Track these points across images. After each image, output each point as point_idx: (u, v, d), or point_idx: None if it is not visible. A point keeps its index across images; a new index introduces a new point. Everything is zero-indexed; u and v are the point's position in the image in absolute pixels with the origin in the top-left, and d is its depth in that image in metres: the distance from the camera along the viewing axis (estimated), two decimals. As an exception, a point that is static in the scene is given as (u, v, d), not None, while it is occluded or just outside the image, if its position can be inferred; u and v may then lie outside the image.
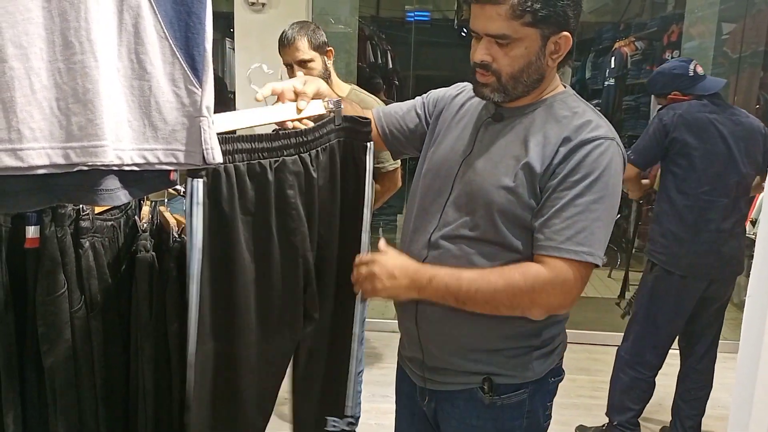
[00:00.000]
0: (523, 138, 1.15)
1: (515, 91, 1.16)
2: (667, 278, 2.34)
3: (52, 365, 1.06)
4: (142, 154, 0.97)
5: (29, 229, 1.05)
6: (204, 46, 0.99)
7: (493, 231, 1.14)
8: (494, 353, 1.20)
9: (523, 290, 1.08)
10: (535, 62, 1.12)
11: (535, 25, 1.09)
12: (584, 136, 1.10)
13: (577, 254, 1.07)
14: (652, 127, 2.34)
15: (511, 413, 1.21)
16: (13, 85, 0.80)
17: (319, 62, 2.12)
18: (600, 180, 1.08)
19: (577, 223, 1.07)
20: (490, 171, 1.16)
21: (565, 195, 1.08)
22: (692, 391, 2.49)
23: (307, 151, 1.09)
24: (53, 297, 1.05)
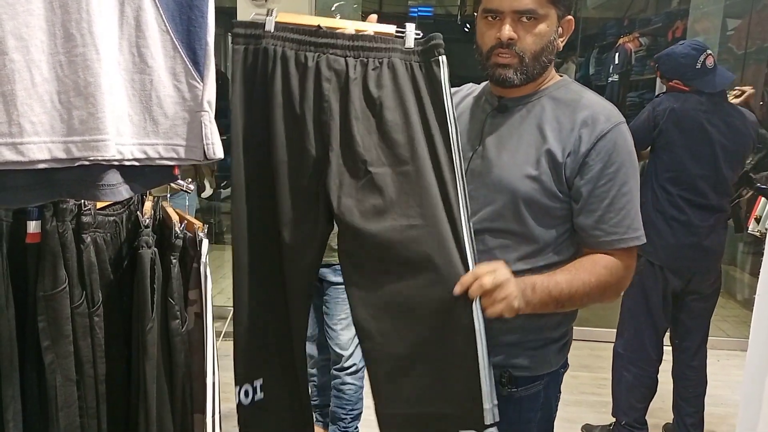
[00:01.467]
0: (538, 126, 1.16)
1: (534, 71, 1.16)
2: (652, 269, 2.35)
3: (53, 361, 1.06)
4: (143, 149, 0.96)
5: (30, 224, 1.05)
6: (206, 39, 0.98)
7: (517, 221, 1.15)
8: (514, 346, 1.20)
9: (610, 283, 1.13)
10: (552, 42, 1.16)
11: (555, 4, 1.13)
12: (604, 124, 1.13)
13: (639, 239, 1.15)
14: (645, 113, 2.32)
15: (528, 405, 1.23)
16: (13, 77, 0.79)
17: None
18: (632, 163, 1.14)
19: (630, 211, 1.13)
20: (509, 161, 1.16)
21: (611, 187, 1.12)
22: (690, 389, 2.48)
23: (356, 57, 1.09)
24: (54, 292, 1.05)
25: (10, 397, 1.03)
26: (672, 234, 2.30)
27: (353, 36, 1.10)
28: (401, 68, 1.09)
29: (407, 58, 1.10)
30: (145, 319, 1.13)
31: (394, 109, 1.08)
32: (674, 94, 2.29)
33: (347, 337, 2.23)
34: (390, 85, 1.09)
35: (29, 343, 1.08)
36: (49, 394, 1.05)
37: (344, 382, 2.29)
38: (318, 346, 2.37)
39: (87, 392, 1.10)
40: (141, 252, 1.15)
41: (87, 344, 1.10)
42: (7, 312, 1.03)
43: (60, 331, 1.06)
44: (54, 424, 1.06)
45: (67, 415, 1.06)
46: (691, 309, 2.41)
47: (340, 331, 2.23)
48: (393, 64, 1.09)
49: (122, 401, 1.20)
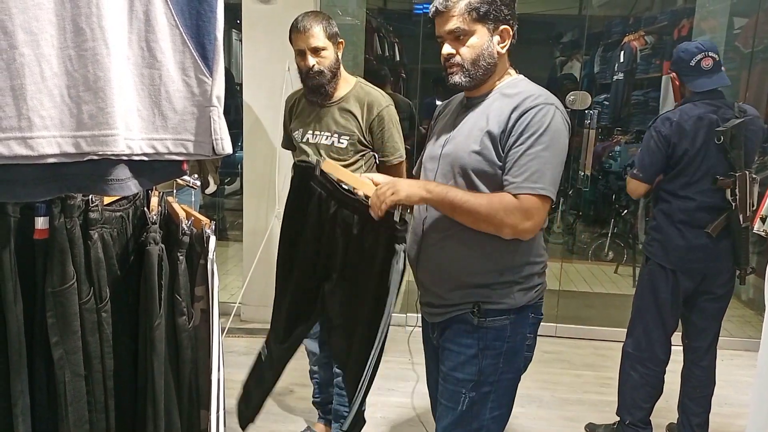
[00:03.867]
0: (485, 115, 1.47)
1: (477, 73, 1.48)
2: (661, 272, 2.35)
3: (62, 356, 1.06)
4: (152, 144, 0.96)
5: (38, 220, 1.04)
6: (215, 34, 0.98)
7: (471, 187, 1.45)
8: (483, 287, 1.50)
9: (498, 209, 1.38)
10: (487, 48, 1.47)
11: (479, 20, 1.45)
12: (528, 104, 1.42)
13: (533, 189, 1.37)
14: (653, 141, 2.32)
15: (494, 334, 1.50)
16: (23, 72, 0.79)
17: (332, 52, 2.09)
18: (545, 134, 1.39)
19: (531, 167, 1.38)
20: (462, 142, 1.49)
21: (519, 149, 1.39)
22: (698, 389, 2.48)
23: (361, 216, 1.50)
24: (63, 288, 1.05)
25: (19, 392, 1.03)
26: (681, 237, 2.30)
27: (364, 202, 1.48)
28: (383, 236, 1.44)
29: (391, 236, 1.42)
30: (153, 315, 1.13)
31: (368, 266, 1.48)
32: (670, 113, 2.32)
33: None
34: (375, 245, 1.47)
35: (38, 338, 1.08)
36: (59, 389, 1.05)
37: None
38: (320, 343, 2.37)
39: (95, 387, 1.10)
40: (149, 248, 1.14)
41: (95, 340, 1.10)
42: (15, 308, 1.03)
43: (68, 327, 1.06)
44: (63, 418, 1.06)
45: (76, 409, 1.06)
46: (703, 309, 2.41)
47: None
48: (377, 229, 1.46)
49: (129, 396, 1.20)
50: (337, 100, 2.14)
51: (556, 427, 2.72)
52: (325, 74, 2.08)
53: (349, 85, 2.16)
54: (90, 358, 1.09)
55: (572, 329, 3.72)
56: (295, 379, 2.90)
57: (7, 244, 1.02)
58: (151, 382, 1.12)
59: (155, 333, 1.11)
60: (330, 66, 2.08)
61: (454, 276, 1.52)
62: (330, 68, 2.08)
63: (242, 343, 3.41)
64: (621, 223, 5.06)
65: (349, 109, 2.13)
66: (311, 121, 2.17)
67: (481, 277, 1.49)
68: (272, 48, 3.30)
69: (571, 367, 3.32)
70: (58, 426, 1.05)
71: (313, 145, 2.16)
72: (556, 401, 2.94)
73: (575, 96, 3.84)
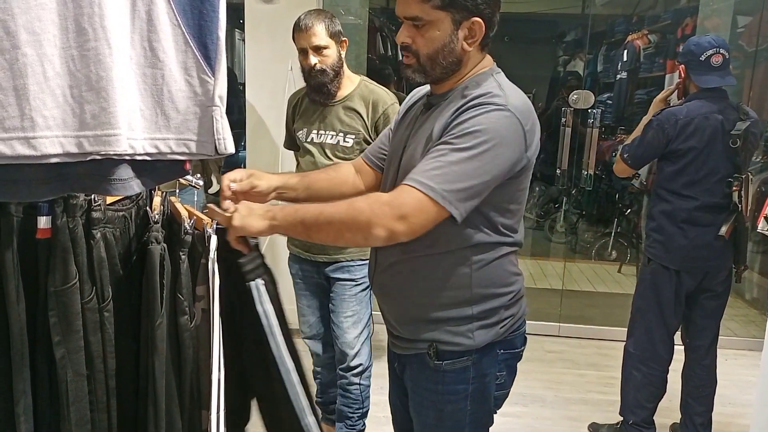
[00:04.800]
0: (437, 118, 1.25)
1: (434, 71, 1.25)
2: (664, 272, 2.35)
3: (64, 356, 1.06)
4: (155, 144, 0.96)
5: (41, 219, 1.04)
6: (217, 34, 0.98)
7: None
8: (438, 323, 1.29)
9: (362, 208, 1.13)
10: (448, 44, 1.22)
11: (443, 8, 1.18)
12: (471, 103, 1.18)
13: (421, 185, 1.12)
14: (651, 132, 2.31)
15: (455, 377, 1.31)
16: (26, 72, 0.79)
17: (334, 50, 2.07)
18: (472, 135, 1.14)
19: (434, 163, 1.14)
20: (416, 152, 1.26)
21: (438, 145, 1.17)
22: (701, 388, 2.47)
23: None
24: (65, 288, 1.05)
25: (21, 392, 1.03)
26: (684, 236, 2.29)
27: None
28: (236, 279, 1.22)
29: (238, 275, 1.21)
30: (155, 315, 1.13)
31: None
32: (677, 109, 2.30)
33: (353, 335, 2.22)
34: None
35: (40, 338, 1.08)
36: (60, 388, 1.05)
37: (351, 382, 2.28)
38: (323, 345, 2.37)
39: (97, 387, 1.10)
40: (151, 248, 1.14)
41: (97, 339, 1.10)
42: (17, 307, 1.03)
43: (70, 327, 1.06)
44: (65, 418, 1.06)
45: (77, 409, 1.06)
46: (704, 307, 2.41)
47: (345, 328, 2.22)
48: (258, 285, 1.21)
49: (131, 396, 1.20)
50: (341, 99, 2.13)
51: (559, 427, 2.71)
52: (327, 73, 2.06)
53: (353, 84, 2.15)
54: (92, 357, 1.10)
55: (575, 329, 3.71)
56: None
57: (9, 244, 1.03)
58: (152, 382, 1.12)
59: (157, 333, 1.11)
60: (332, 65, 2.06)
61: (406, 309, 1.34)
62: (332, 67, 2.07)
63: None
64: (624, 223, 5.05)
65: (354, 107, 2.12)
66: (315, 121, 2.16)
67: (434, 311, 1.29)
68: (275, 48, 3.30)
69: (575, 367, 3.31)
70: (60, 426, 1.06)
71: (318, 145, 2.15)
72: (560, 401, 2.93)
73: (578, 95, 3.84)
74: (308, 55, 2.06)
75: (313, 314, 2.32)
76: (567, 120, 3.82)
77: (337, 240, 1.20)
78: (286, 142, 2.40)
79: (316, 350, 2.38)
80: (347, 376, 2.28)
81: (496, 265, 1.28)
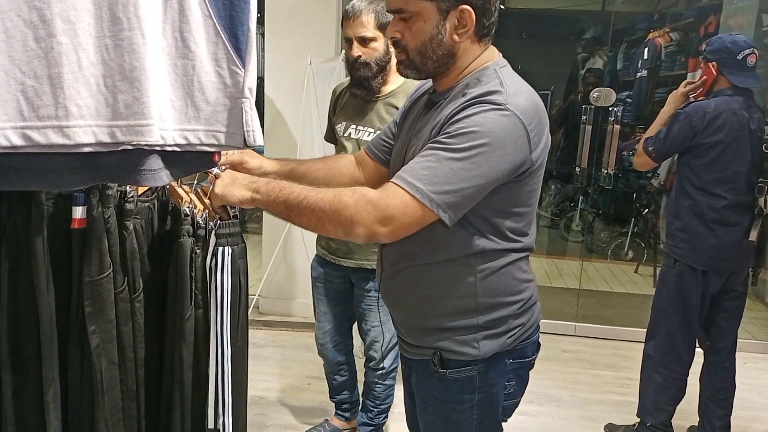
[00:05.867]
0: (438, 117, 1.18)
1: (425, 66, 1.20)
2: (691, 273, 2.31)
3: (98, 345, 1.06)
4: (184, 135, 0.96)
5: (77, 209, 1.05)
6: (248, 26, 0.97)
7: None
8: (443, 331, 1.25)
9: (347, 203, 1.09)
10: (436, 36, 1.15)
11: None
12: (472, 101, 1.11)
13: (409, 185, 1.08)
14: (678, 125, 2.26)
15: (460, 387, 1.26)
16: (60, 60, 0.79)
17: (382, 43, 1.90)
18: (465, 135, 1.08)
19: (424, 164, 1.09)
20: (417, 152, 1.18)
21: (431, 143, 1.12)
22: (721, 391, 2.44)
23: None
24: (100, 278, 1.05)
25: (50, 380, 1.04)
26: (713, 236, 2.26)
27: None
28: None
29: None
30: (184, 308, 1.13)
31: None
32: (705, 103, 2.26)
33: (379, 343, 2.20)
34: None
35: (73, 326, 1.08)
36: (95, 377, 1.05)
37: (374, 381, 2.28)
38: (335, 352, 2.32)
39: (128, 376, 1.11)
40: (181, 240, 1.14)
41: (128, 329, 1.10)
42: (48, 296, 1.04)
43: (105, 316, 1.06)
44: (99, 405, 1.06)
45: (111, 397, 1.07)
46: (726, 308, 2.38)
47: (373, 336, 2.20)
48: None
49: (157, 385, 1.21)
50: (384, 95, 2.00)
51: (575, 427, 2.69)
52: (371, 67, 1.92)
53: (399, 80, 2.00)
54: (123, 347, 1.10)
55: (592, 329, 3.68)
56: (311, 372, 2.91)
57: (40, 233, 1.03)
58: (180, 373, 1.13)
59: (186, 325, 1.11)
60: (378, 59, 1.92)
61: (410, 316, 1.31)
62: (378, 61, 1.92)
63: (260, 334, 3.43)
64: (641, 222, 5.00)
65: (396, 105, 1.97)
66: (354, 115, 2.05)
67: (438, 319, 1.25)
68: (294, 42, 3.30)
69: (591, 367, 3.29)
70: (93, 413, 1.06)
71: (355, 141, 2.04)
72: (576, 401, 2.91)
73: (600, 92, 3.79)
74: (353, 45, 1.93)
75: (329, 322, 2.27)
76: (587, 118, 3.78)
77: (317, 229, 1.14)
78: (327, 134, 2.26)
79: (327, 358, 2.33)
80: (372, 375, 2.28)
81: (504, 272, 1.22)
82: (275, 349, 3.24)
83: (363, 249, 2.08)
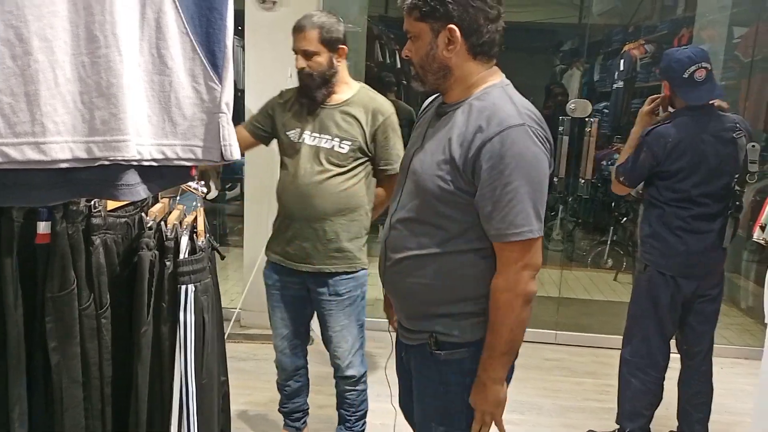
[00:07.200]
0: (449, 132, 1.33)
1: (426, 78, 1.38)
2: (661, 278, 2.35)
3: (59, 362, 1.05)
4: (161, 150, 0.97)
5: (40, 224, 1.05)
6: (225, 42, 0.99)
7: (430, 213, 1.35)
8: (440, 317, 1.39)
9: (512, 302, 1.29)
10: (430, 52, 1.33)
11: (422, 20, 1.31)
12: (494, 129, 1.26)
13: (521, 235, 1.27)
14: (642, 154, 2.31)
15: (453, 368, 1.40)
16: (37, 77, 0.80)
17: (325, 57, 2.01)
18: (518, 165, 1.24)
19: (513, 209, 1.25)
20: (427, 163, 1.35)
21: (496, 187, 1.25)
22: (699, 395, 2.48)
23: None
24: (62, 294, 1.05)
25: (17, 397, 1.03)
26: (682, 242, 2.31)
27: None
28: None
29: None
30: (140, 323, 1.13)
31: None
32: (663, 128, 2.29)
33: (343, 349, 2.20)
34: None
35: (37, 343, 1.08)
36: (55, 395, 1.05)
37: (345, 389, 2.28)
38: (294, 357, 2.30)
39: (93, 393, 1.10)
40: (141, 254, 1.14)
41: (94, 346, 1.10)
42: (15, 312, 1.03)
43: (67, 333, 1.06)
44: (59, 424, 1.05)
45: (72, 416, 1.06)
46: (700, 312, 2.42)
47: (336, 342, 2.19)
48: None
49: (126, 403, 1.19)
50: (339, 104, 2.07)
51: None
52: (314, 78, 2.01)
53: (352, 90, 2.10)
54: (88, 364, 1.09)
55: (572, 336, 3.72)
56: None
57: (10, 249, 1.03)
58: (135, 390, 1.12)
59: (142, 340, 1.11)
60: (322, 72, 2.02)
61: (411, 302, 1.45)
62: (321, 74, 2.02)
63: (242, 348, 3.41)
64: (620, 231, 5.08)
65: (353, 113, 2.06)
66: (310, 123, 2.08)
67: (435, 306, 1.39)
68: (275, 55, 3.31)
69: (572, 375, 3.32)
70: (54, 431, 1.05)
71: (313, 147, 2.06)
72: (557, 408, 2.94)
73: (576, 104, 3.86)
74: (298, 57, 2.04)
75: (286, 327, 2.25)
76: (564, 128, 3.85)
77: (523, 326, 1.33)
78: (249, 125, 2.23)
79: (284, 365, 2.31)
80: (342, 384, 2.28)
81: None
82: (256, 363, 3.23)
83: (321, 254, 2.09)
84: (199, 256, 1.22)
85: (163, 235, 1.20)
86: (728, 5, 4.08)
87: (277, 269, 2.20)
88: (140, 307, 1.15)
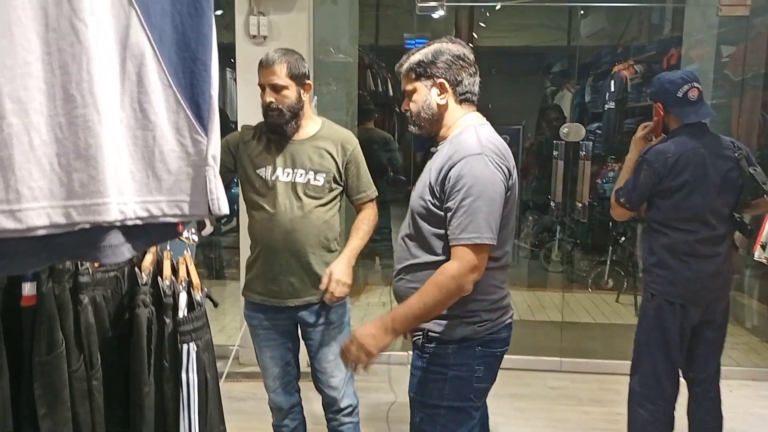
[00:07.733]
0: (432, 164, 1.66)
1: (423, 124, 1.72)
2: (669, 307, 2.31)
3: (50, 429, 1.00)
4: (146, 207, 0.93)
5: (25, 286, 1.00)
6: (210, 93, 0.95)
7: (417, 231, 1.67)
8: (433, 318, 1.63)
9: (448, 284, 1.53)
10: (425, 102, 1.69)
11: (418, 79, 1.68)
12: (456, 158, 1.57)
13: (470, 240, 1.53)
14: (643, 173, 2.29)
15: (438, 360, 1.67)
16: (11, 142, 0.75)
17: (293, 92, 2.03)
18: (472, 186, 1.53)
19: (466, 219, 1.53)
20: (417, 190, 1.70)
21: (455, 202, 1.55)
22: (709, 422, 2.42)
23: None
24: (50, 357, 1.00)
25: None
26: (688, 268, 2.27)
27: None
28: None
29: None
30: (141, 382, 1.08)
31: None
32: (662, 146, 2.29)
33: (338, 378, 2.16)
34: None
35: (25, 410, 1.02)
36: (47, 465, 1.00)
37: (342, 422, 2.22)
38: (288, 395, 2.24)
39: (87, 462, 1.04)
40: (138, 311, 1.10)
41: (85, 410, 1.04)
42: (1, 379, 0.98)
43: (57, 398, 1.01)
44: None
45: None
46: (707, 339, 2.38)
47: (330, 373, 2.16)
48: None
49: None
50: (309, 138, 2.09)
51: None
52: (283, 113, 2.02)
53: (317, 124, 2.13)
54: (80, 429, 1.04)
55: (577, 363, 3.65)
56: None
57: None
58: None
59: (144, 401, 1.06)
60: (289, 106, 2.02)
61: None
62: (289, 108, 2.02)
63: (241, 387, 3.33)
64: (619, 250, 5.04)
65: (324, 147, 2.09)
66: (281, 158, 2.08)
67: None
68: (266, 89, 3.30)
69: (579, 403, 3.25)
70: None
71: (289, 183, 2.06)
72: (565, 440, 2.86)
73: (569, 128, 3.86)
74: (265, 92, 2.03)
75: (277, 365, 2.20)
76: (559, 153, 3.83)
77: (443, 309, 1.57)
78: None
79: (279, 404, 2.24)
80: (338, 417, 2.22)
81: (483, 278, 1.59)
82: (256, 402, 3.14)
83: (307, 285, 2.09)
84: (198, 312, 1.18)
85: (161, 291, 1.16)
86: (715, 24, 4.10)
87: (262, 309, 2.16)
88: (140, 366, 1.10)
